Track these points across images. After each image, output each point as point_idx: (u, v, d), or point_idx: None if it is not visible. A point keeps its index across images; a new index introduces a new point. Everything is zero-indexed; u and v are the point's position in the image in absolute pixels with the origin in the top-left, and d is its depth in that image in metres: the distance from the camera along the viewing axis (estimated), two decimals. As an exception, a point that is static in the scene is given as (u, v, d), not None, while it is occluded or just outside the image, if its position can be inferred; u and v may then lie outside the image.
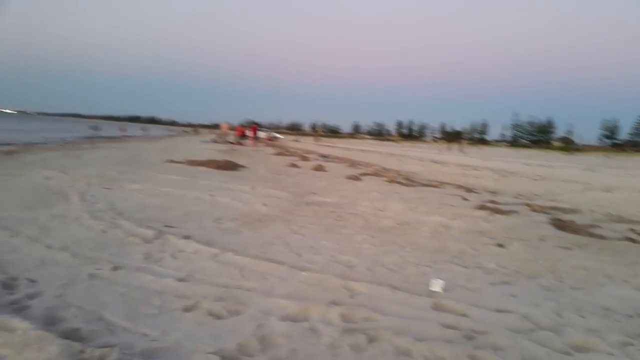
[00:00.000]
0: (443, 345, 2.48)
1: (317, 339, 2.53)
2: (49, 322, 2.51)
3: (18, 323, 2.39)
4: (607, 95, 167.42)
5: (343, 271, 3.74)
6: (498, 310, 3.06)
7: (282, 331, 2.59)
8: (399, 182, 11.06)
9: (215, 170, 11.13)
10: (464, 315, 2.96)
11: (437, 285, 3.42)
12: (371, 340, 2.54)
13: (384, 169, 16.37)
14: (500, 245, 4.94)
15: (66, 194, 6.51)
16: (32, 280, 3.12)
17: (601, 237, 5.64)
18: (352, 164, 18.12)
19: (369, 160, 21.91)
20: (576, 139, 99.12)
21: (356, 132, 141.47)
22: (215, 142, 32.57)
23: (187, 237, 4.48)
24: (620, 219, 7.08)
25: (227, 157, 14.95)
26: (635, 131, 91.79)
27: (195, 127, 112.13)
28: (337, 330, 2.63)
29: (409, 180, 11.77)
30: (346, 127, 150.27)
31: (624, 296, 3.49)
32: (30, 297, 2.85)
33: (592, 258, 4.60)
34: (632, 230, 6.15)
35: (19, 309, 2.66)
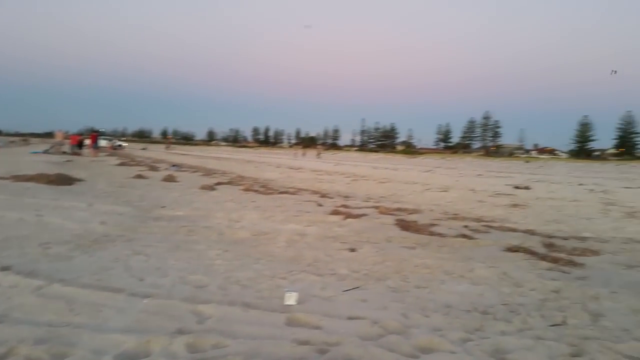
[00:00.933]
0: None
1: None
2: None
3: None
4: (441, 102, 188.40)
5: (192, 293, 3.45)
6: (350, 318, 3.07)
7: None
8: (255, 191, 10.94)
9: (45, 186, 9.74)
10: (318, 327, 2.90)
11: (291, 299, 3.33)
12: (220, 369, 2.33)
13: (240, 177, 16.15)
14: (352, 250, 5.09)
15: None
16: None
17: (440, 235, 6.15)
18: (207, 172, 17.56)
19: (225, 169, 21.49)
20: (416, 142, 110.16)
21: (211, 139, 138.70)
22: (48, 152, 29.09)
23: (4, 269, 3.78)
24: (456, 217, 7.85)
25: (61, 170, 13.33)
26: (465, 134, 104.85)
27: (25, 137, 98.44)
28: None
29: (266, 188, 11.72)
30: (201, 134, 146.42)
31: (462, 292, 3.76)
32: None
33: (433, 256, 4.94)
34: (465, 227, 6.83)
35: None
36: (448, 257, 4.95)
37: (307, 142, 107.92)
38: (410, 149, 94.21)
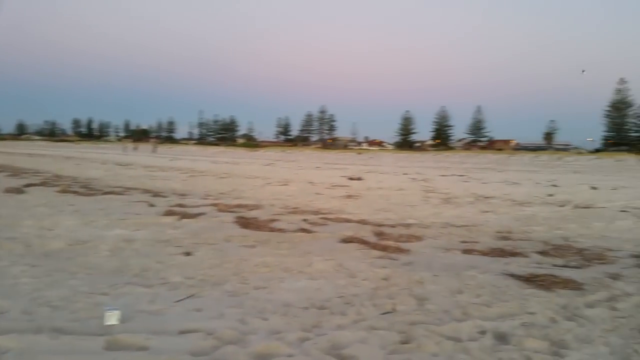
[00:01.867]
0: None
1: None
2: None
3: None
4: (281, 96, 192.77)
5: None
6: (182, 332, 2.80)
7: None
8: (74, 192, 9.73)
9: None
10: (143, 348, 2.58)
11: (112, 318, 2.91)
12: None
13: (57, 176, 14.27)
14: (187, 254, 4.76)
15: None
16: None
17: (280, 230, 6.14)
18: (14, 172, 15.17)
19: (39, 167, 18.88)
20: (257, 135, 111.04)
21: (22, 133, 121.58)
22: None
23: None
24: (295, 211, 7.96)
25: None
26: (304, 128, 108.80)
27: None
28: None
29: (88, 189, 10.51)
30: (8, 127, 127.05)
31: (300, 288, 3.74)
32: None
33: (273, 253, 4.88)
34: (305, 220, 6.95)
35: None
36: (288, 253, 4.94)
37: (138, 135, 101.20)
38: (251, 142, 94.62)
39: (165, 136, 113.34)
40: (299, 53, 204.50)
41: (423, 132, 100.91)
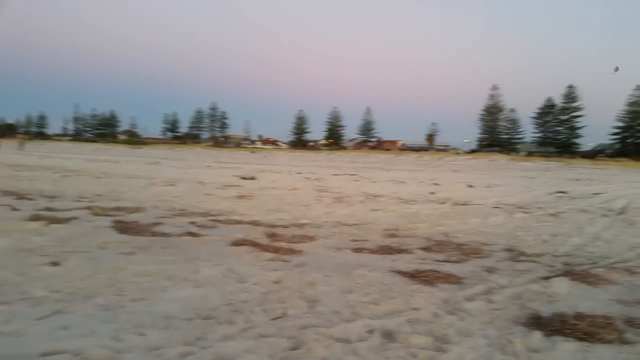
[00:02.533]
0: None
1: None
2: None
3: None
4: (167, 92, 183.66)
5: None
6: (44, 354, 2.43)
7: None
8: None
9: None
10: None
11: None
12: None
13: None
14: (55, 264, 4.21)
15: None
16: None
17: (164, 235, 5.74)
18: None
19: None
20: (141, 132, 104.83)
21: None
22: None
23: None
24: (182, 213, 7.53)
25: None
26: (193, 125, 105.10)
27: None
28: None
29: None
30: None
31: (184, 297, 3.47)
32: None
33: (154, 260, 4.51)
34: (192, 223, 6.58)
35: None
36: (172, 259, 4.59)
37: (3, 131, 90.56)
38: (134, 139, 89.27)
39: (35, 132, 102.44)
40: (190, 46, 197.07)
41: (317, 131, 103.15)
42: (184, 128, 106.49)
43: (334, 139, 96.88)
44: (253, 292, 3.65)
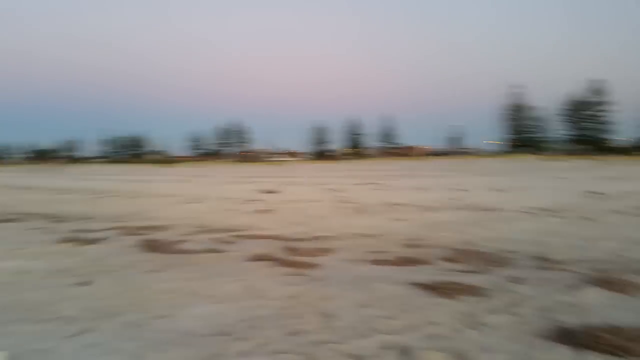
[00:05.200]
0: None
1: None
2: None
3: None
4: (192, 110, 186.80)
5: None
6: (72, 372, 2.58)
7: None
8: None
9: None
10: None
11: None
12: None
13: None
14: (85, 283, 4.43)
15: None
16: None
17: (188, 252, 5.92)
18: None
19: None
20: (169, 151, 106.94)
21: None
22: None
23: None
24: (206, 229, 7.72)
25: None
26: (218, 141, 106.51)
27: None
28: None
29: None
30: None
31: (205, 314, 3.59)
32: None
33: (178, 278, 4.67)
34: (215, 239, 6.75)
35: None
36: (194, 276, 4.73)
37: (43, 155, 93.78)
38: (162, 158, 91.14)
39: (71, 155, 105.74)
40: (213, 65, 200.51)
41: (338, 141, 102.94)
42: (209, 145, 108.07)
43: (355, 148, 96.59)
44: (270, 308, 3.73)
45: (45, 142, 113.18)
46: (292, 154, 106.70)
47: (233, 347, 2.94)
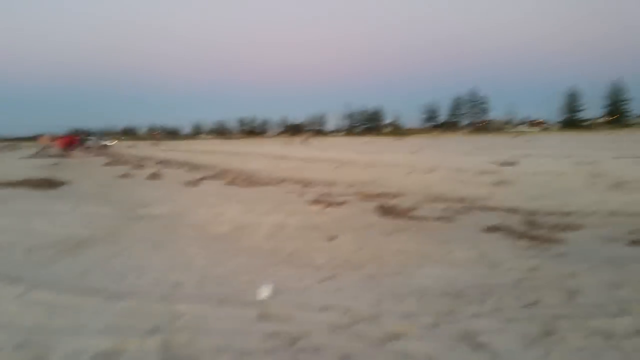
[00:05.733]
0: (265, 357, 2.43)
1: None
2: None
3: None
4: (423, 80, 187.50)
5: (168, 292, 3.45)
6: (322, 308, 3.07)
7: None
8: (239, 184, 10.91)
9: (31, 191, 9.71)
10: (289, 319, 2.91)
11: (265, 292, 3.34)
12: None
13: (225, 170, 16.02)
14: (331, 239, 5.07)
15: None
16: None
17: (420, 218, 6.16)
18: (192, 167, 17.44)
19: (210, 162, 21.33)
20: (403, 123, 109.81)
21: (197, 133, 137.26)
22: (37, 156, 28.69)
23: None
24: (438, 199, 7.86)
25: (47, 174, 13.21)
26: (452, 112, 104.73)
27: (13, 141, 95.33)
28: (154, 361, 2.39)
29: (250, 180, 11.68)
30: (187, 128, 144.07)
31: (437, 275, 3.76)
32: None
33: (411, 240, 4.95)
34: (447, 208, 6.84)
35: None
36: (426, 240, 4.95)
37: (293, 130, 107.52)
38: (398, 130, 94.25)
39: (315, 129, 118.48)
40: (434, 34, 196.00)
41: (593, 108, 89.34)
42: (442, 116, 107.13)
43: (617, 115, 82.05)
44: (505, 278, 3.67)
45: (297, 116, 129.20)
46: (535, 123, 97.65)
47: (467, 309, 3.03)
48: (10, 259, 4.45)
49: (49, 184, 10.75)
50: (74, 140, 31.57)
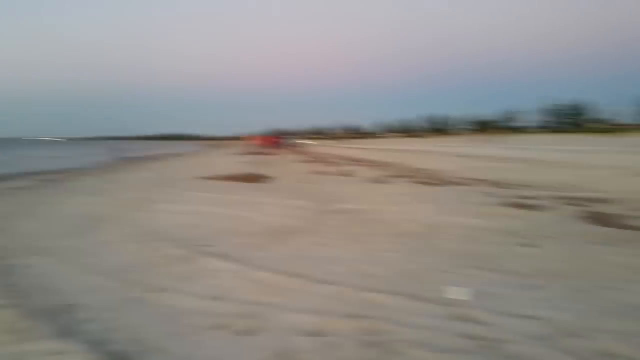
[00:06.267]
0: (461, 357, 2.48)
1: (336, 353, 2.56)
2: (98, 344, 2.69)
3: (70, 346, 2.64)
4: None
5: (364, 283, 3.72)
6: (523, 317, 2.98)
7: (301, 347, 2.63)
8: (426, 183, 11.00)
9: (242, 184, 11.32)
10: (487, 323, 2.90)
11: (458, 293, 3.37)
12: (389, 353, 2.54)
13: (412, 168, 16.22)
14: (529, 245, 4.84)
15: (107, 219, 6.69)
16: (78, 305, 3.29)
17: (635, 228, 5.50)
18: (379, 165, 18.02)
19: (396, 160, 21.72)
20: (610, 118, 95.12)
21: (381, 131, 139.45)
22: (241, 154, 32.78)
23: (218, 256, 4.57)
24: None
25: (253, 169, 15.20)
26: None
27: (218, 140, 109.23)
28: (355, 344, 2.66)
29: (437, 180, 11.68)
30: (372, 127, 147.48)
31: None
32: (79, 322, 3.02)
33: (624, 253, 4.46)
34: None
35: (70, 332, 2.85)
36: (642, 254, 4.38)
37: (481, 126, 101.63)
38: (605, 126, 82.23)
39: (510, 125, 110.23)
40: None
41: None
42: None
43: None
44: None
45: (485, 113, 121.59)
46: None
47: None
48: (231, 242, 5.20)
49: (256, 178, 12.41)
50: (276, 140, 35.18)
